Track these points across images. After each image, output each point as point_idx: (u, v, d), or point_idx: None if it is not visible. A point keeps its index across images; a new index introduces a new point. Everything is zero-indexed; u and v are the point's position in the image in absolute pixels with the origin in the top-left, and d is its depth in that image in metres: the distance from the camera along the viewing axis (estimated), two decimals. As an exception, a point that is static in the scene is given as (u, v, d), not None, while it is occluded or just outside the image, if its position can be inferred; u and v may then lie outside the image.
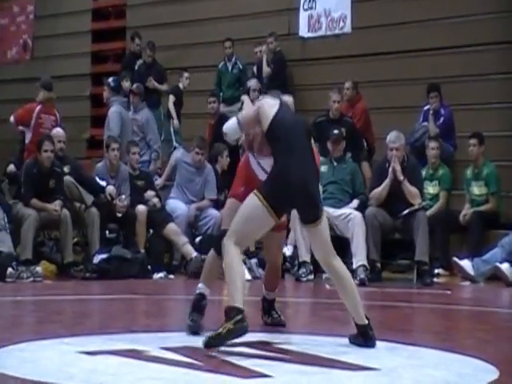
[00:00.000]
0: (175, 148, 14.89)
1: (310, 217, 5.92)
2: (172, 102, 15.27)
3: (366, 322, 5.99)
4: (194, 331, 6.33)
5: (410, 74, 13.80)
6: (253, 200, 5.82)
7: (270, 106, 6.08)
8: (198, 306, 6.44)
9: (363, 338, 5.99)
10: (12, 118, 13.45)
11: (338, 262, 6.06)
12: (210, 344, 5.62)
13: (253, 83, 14.06)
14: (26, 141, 13.19)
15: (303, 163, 5.92)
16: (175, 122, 15.21)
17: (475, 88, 13.20)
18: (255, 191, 5.84)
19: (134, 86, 14.66)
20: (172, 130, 15.26)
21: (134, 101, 14.38)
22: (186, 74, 15.42)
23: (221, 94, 15.26)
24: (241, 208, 5.91)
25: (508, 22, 13.16)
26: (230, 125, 6.24)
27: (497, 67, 13.09)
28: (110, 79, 14.43)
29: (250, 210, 5.83)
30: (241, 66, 15.28)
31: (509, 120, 12.69)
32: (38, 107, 13.31)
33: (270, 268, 6.95)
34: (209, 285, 6.51)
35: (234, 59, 15.33)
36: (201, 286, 6.53)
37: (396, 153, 11.07)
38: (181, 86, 15.44)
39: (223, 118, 13.90)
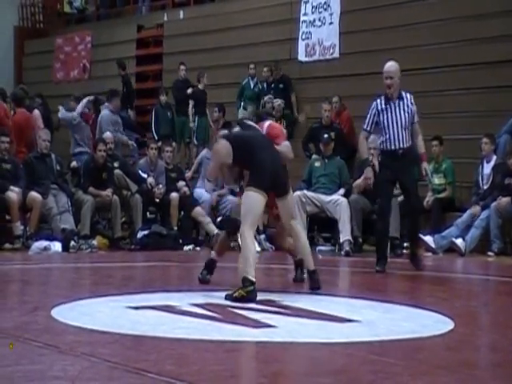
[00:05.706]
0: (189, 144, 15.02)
1: (281, 192, 6.47)
2: (191, 107, 14.97)
3: (313, 268, 6.42)
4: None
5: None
6: (246, 193, 6.30)
7: (222, 147, 6.48)
8: (210, 266, 7.02)
9: (310, 280, 6.40)
10: None
11: (294, 222, 6.61)
12: (227, 299, 5.93)
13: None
14: None
15: (273, 157, 6.42)
16: (191, 124, 14.98)
17: (436, 101, 13.13)
18: (246, 188, 6.32)
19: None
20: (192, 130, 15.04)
21: None
22: (205, 75, 14.89)
23: (241, 104, 15.06)
24: (242, 205, 6.37)
25: (459, 49, 13.10)
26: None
27: (452, 85, 13.02)
28: None
29: (248, 200, 6.26)
30: (260, 86, 14.95)
31: (462, 126, 12.63)
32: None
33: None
34: (218, 254, 7.03)
35: (256, 79, 15.09)
36: (213, 254, 7.05)
37: (373, 151, 11.04)
38: (201, 86, 14.85)
39: (226, 126, 13.83)
